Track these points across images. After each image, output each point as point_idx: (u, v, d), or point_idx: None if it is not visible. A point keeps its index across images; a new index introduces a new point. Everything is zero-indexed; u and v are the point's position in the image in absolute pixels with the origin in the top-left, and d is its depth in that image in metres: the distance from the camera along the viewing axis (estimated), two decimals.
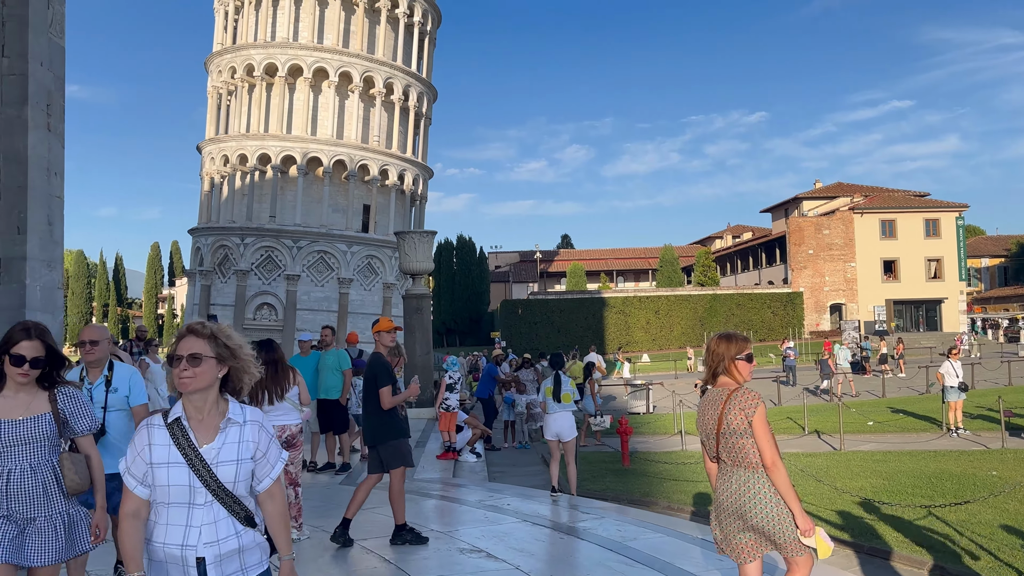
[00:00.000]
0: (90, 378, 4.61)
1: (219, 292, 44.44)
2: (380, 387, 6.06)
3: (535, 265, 79.45)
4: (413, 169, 47.01)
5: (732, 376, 3.83)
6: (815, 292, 60.59)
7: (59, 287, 10.79)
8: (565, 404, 8.63)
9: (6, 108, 9.98)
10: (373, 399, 6.16)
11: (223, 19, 46.54)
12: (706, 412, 3.83)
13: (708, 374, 3.93)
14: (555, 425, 8.62)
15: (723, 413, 3.69)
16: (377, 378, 6.10)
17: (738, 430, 3.66)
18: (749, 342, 3.95)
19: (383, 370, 6.13)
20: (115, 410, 4.59)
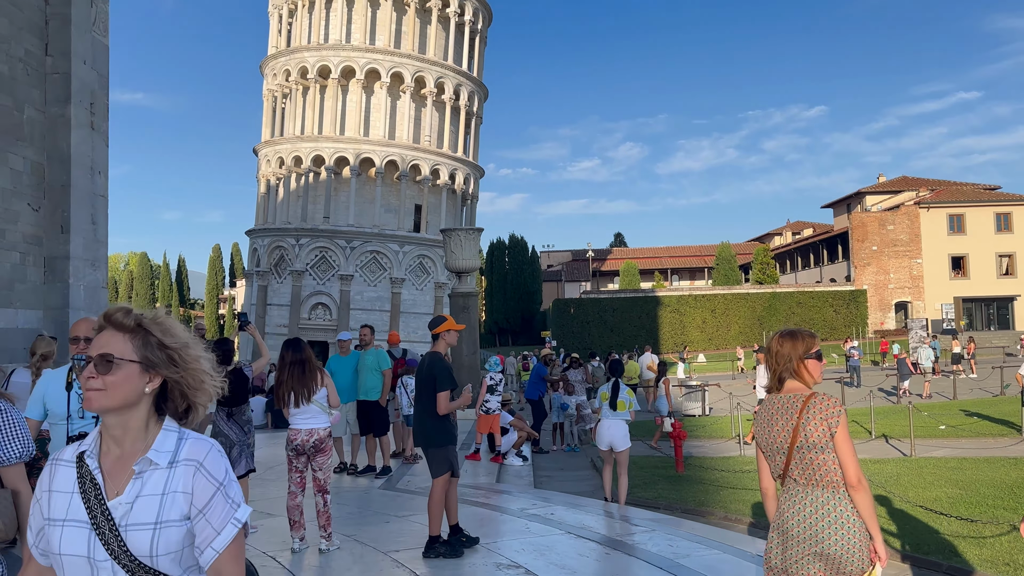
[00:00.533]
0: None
1: (275, 292, 45.04)
2: (439, 390, 5.76)
3: (587, 264, 78.70)
4: (464, 168, 46.89)
5: (802, 379, 3.30)
6: (879, 290, 58.53)
7: (103, 286, 10.76)
8: (620, 412, 8.14)
9: (50, 107, 9.97)
10: (427, 401, 5.87)
11: (277, 23, 47.17)
12: (774, 423, 3.25)
13: (772, 379, 3.37)
14: (607, 433, 8.15)
15: (800, 424, 3.16)
16: (436, 380, 5.79)
17: (818, 443, 3.13)
18: (816, 338, 3.42)
19: (444, 373, 5.84)
20: None
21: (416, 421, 6.06)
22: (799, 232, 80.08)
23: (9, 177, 9.32)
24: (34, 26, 9.77)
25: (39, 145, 9.87)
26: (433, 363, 5.87)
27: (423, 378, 5.95)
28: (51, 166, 9.98)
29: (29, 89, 9.69)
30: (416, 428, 6.04)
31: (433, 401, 5.78)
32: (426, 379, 5.89)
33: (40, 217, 9.90)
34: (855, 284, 58.31)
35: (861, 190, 67.67)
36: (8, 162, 9.29)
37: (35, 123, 9.79)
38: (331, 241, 43.43)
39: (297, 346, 5.78)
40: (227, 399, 6.26)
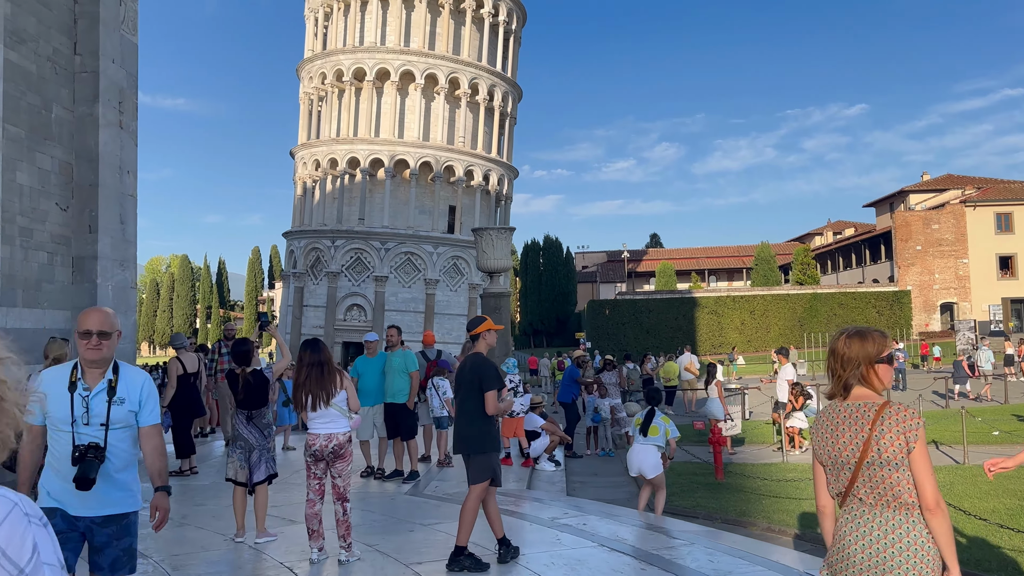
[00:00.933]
0: (87, 381, 3.41)
1: (311, 294, 45.29)
2: (486, 391, 5.53)
3: (623, 265, 77.97)
4: (498, 169, 46.69)
5: (871, 385, 2.91)
6: (924, 290, 57.03)
7: (132, 286, 10.68)
8: (651, 438, 7.71)
9: (78, 106, 9.91)
10: (472, 403, 5.62)
11: (313, 26, 47.46)
12: (840, 435, 2.87)
13: (836, 385, 2.98)
14: (636, 459, 7.74)
15: (872, 437, 2.78)
16: (483, 381, 5.54)
17: (892, 460, 2.74)
18: (888, 339, 3.03)
19: (491, 372, 5.61)
20: (119, 428, 3.39)
21: (460, 425, 5.78)
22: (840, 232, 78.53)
23: (37, 176, 9.27)
24: (63, 25, 9.72)
25: (67, 144, 9.81)
26: (477, 363, 5.67)
27: (466, 380, 5.71)
28: (79, 165, 9.92)
29: (58, 88, 9.63)
30: (460, 433, 5.75)
31: (479, 403, 5.56)
32: (470, 380, 5.64)
33: (68, 217, 9.84)
34: (899, 285, 56.91)
35: (904, 188, 66.10)
36: (36, 161, 9.23)
37: (63, 122, 9.74)
38: (366, 242, 43.53)
39: (316, 347, 5.53)
40: (246, 401, 6.05)
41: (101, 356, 3.46)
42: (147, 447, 3.54)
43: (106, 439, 3.35)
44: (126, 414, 3.43)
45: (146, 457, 3.53)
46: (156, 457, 3.52)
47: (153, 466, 3.52)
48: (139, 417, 3.50)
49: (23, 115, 8.94)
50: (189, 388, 9.19)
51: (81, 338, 3.43)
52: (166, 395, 9.26)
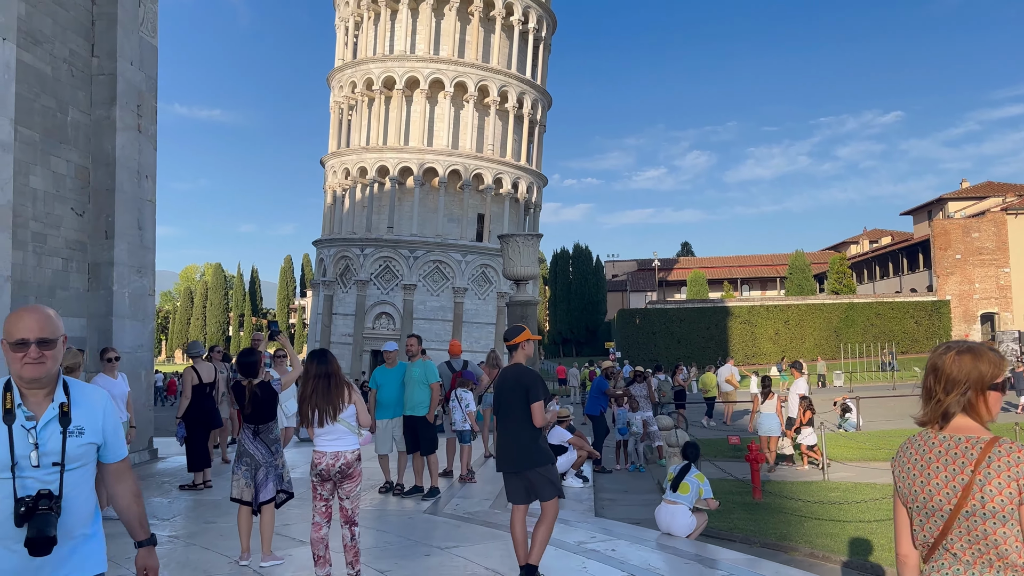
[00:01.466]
0: (29, 408, 2.48)
1: (340, 302, 45.28)
2: (533, 402, 5.30)
3: (653, 274, 77.09)
4: (527, 177, 46.36)
5: (978, 415, 2.34)
6: (963, 300, 55.58)
7: (150, 293, 10.43)
8: (681, 495, 7.16)
9: (95, 109, 9.70)
10: (518, 415, 5.37)
11: (344, 35, 47.63)
12: (933, 474, 2.30)
13: (932, 411, 2.40)
14: (665, 520, 7.19)
15: (975, 481, 2.21)
16: (529, 391, 5.32)
17: (1000, 511, 2.18)
18: (1006, 360, 2.48)
19: (537, 382, 5.40)
20: (78, 467, 2.52)
21: (507, 441, 5.47)
22: (876, 240, 77.04)
23: (52, 180, 9.06)
24: (80, 26, 9.54)
25: (84, 148, 9.61)
26: (520, 373, 5.44)
27: (509, 390, 5.43)
28: (96, 170, 9.71)
29: (74, 91, 9.44)
30: (508, 448, 5.44)
31: (525, 415, 5.33)
32: (513, 391, 5.38)
33: (84, 222, 9.63)
34: (937, 294, 55.49)
35: (943, 196, 64.66)
36: (50, 165, 9.03)
37: (79, 125, 9.54)
38: (395, 251, 43.42)
39: (323, 357, 5.15)
40: (253, 415, 5.69)
41: (45, 372, 2.50)
42: (119, 490, 2.70)
43: (61, 484, 2.45)
44: (86, 448, 2.54)
45: (119, 503, 2.70)
46: (133, 502, 2.70)
47: (130, 514, 2.69)
48: (104, 451, 2.62)
49: (37, 117, 8.75)
50: (204, 398, 8.90)
51: (13, 349, 2.46)
52: (180, 405, 8.98)
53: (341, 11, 47.41)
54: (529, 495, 5.43)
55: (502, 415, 5.54)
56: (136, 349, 10.08)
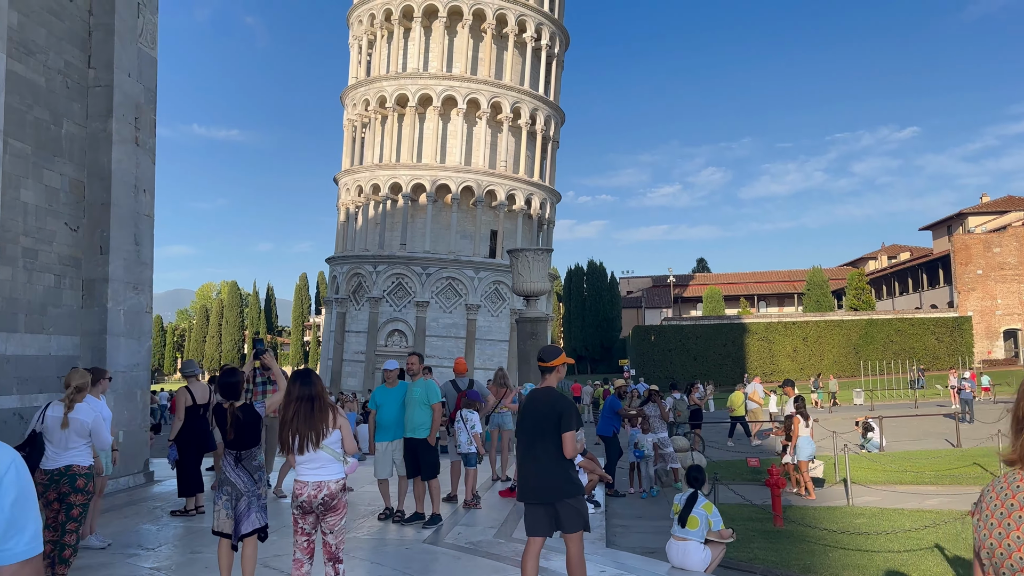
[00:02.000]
0: None
1: (353, 319, 45.07)
2: (565, 431, 5.06)
3: (668, 290, 76.44)
4: (540, 193, 46.11)
5: None
6: (985, 316, 54.64)
7: (147, 311, 10.13)
8: (690, 530, 6.68)
9: (91, 121, 9.45)
10: (548, 444, 5.09)
11: (357, 54, 47.74)
12: (1014, 525, 1.83)
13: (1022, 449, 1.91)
14: (676, 555, 6.72)
15: None
16: (562, 419, 5.07)
17: None
18: None
19: (571, 410, 5.14)
20: None
21: (533, 469, 5.16)
22: (895, 256, 76.19)
23: (44, 194, 8.80)
24: (76, 37, 9.31)
25: (79, 161, 9.35)
26: (554, 400, 5.17)
27: (539, 415, 5.14)
28: (91, 183, 9.46)
29: (69, 103, 9.20)
30: (534, 478, 5.14)
31: (556, 444, 5.07)
32: (546, 418, 5.10)
33: (78, 237, 9.35)
34: (959, 310, 54.59)
35: (963, 211, 63.92)
36: (43, 178, 8.77)
37: (74, 138, 9.29)
38: (407, 268, 43.20)
39: (306, 378, 4.76)
40: (235, 441, 5.32)
41: None
42: None
43: None
44: None
45: None
46: None
47: None
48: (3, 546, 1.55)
49: (29, 130, 8.51)
50: (198, 420, 8.55)
51: None
52: (173, 427, 8.64)
53: (355, 30, 47.56)
54: (552, 527, 5.15)
55: (528, 440, 5.24)
56: (131, 368, 9.77)
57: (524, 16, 44.56)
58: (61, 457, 5.77)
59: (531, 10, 44.80)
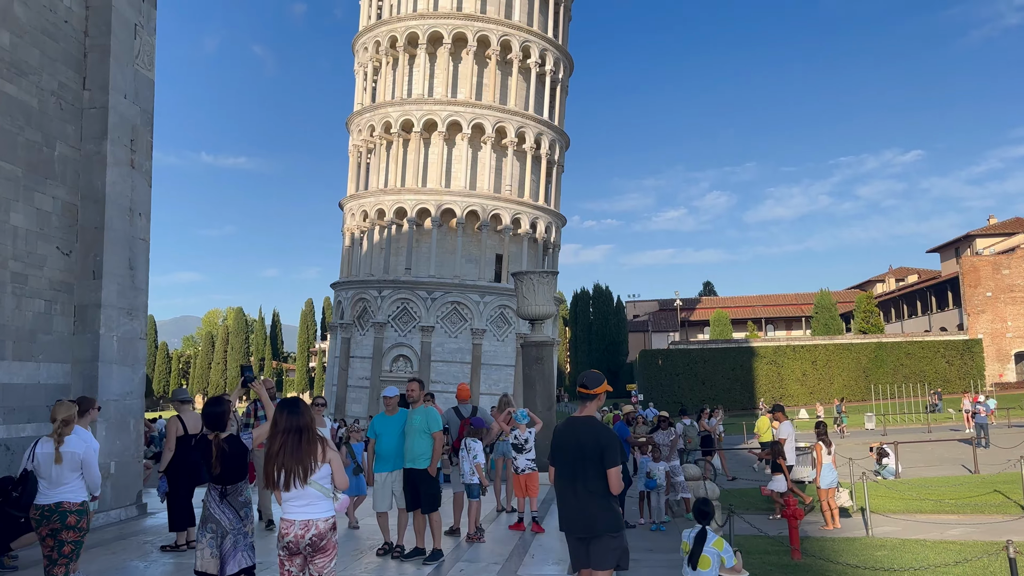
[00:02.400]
0: None
1: (358, 344, 44.78)
2: (610, 466, 4.85)
3: (675, 314, 76.01)
4: (545, 217, 45.97)
5: None
6: (996, 339, 54.14)
7: (141, 337, 9.85)
8: (703, 572, 6.31)
9: (85, 143, 9.25)
10: (591, 478, 4.86)
11: (363, 80, 47.93)
12: None
13: None
14: None
15: None
16: (605, 454, 4.85)
17: None
18: None
19: (615, 443, 4.94)
20: None
21: (575, 504, 4.93)
22: (903, 279, 75.83)
23: (35, 218, 8.57)
24: (71, 58, 9.14)
25: (72, 184, 9.14)
26: (597, 431, 4.94)
27: (581, 448, 4.89)
28: (85, 207, 9.23)
29: (62, 124, 9.00)
30: (574, 511, 4.93)
31: (598, 478, 4.86)
32: (588, 450, 4.88)
33: (70, 262, 9.11)
34: (968, 333, 54.07)
35: (970, 233, 63.65)
36: (34, 201, 8.55)
37: (68, 160, 9.08)
38: (412, 292, 42.98)
39: (294, 408, 4.44)
40: (220, 475, 5.00)
41: None
42: None
43: None
44: None
45: None
46: None
47: None
48: None
49: (20, 152, 8.30)
50: (190, 451, 8.23)
51: None
52: (163, 458, 8.32)
53: (360, 57, 47.81)
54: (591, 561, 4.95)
55: (568, 472, 4.97)
56: (124, 396, 9.47)
57: (528, 42, 44.73)
58: (54, 493, 5.68)
59: (535, 36, 44.98)
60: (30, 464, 5.82)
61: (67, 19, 9.05)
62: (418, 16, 44.24)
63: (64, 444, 5.79)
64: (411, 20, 44.35)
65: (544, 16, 46.65)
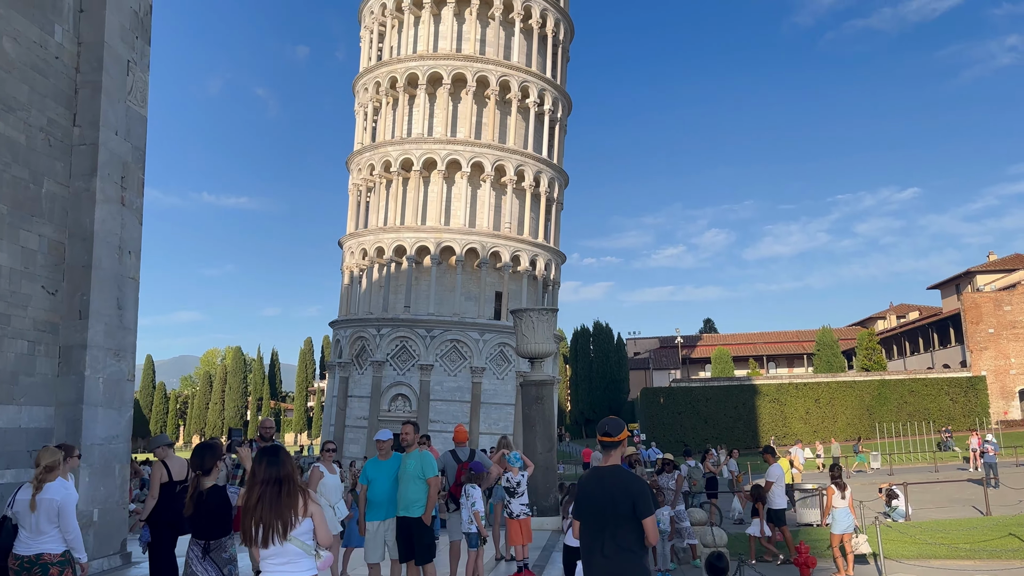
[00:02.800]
0: None
1: (356, 383, 44.34)
2: (643, 516, 4.59)
3: (676, 351, 75.58)
4: (545, 254, 45.89)
5: None
6: (1000, 376, 53.74)
7: (128, 379, 9.56)
8: None
9: (74, 180, 9.07)
10: (621, 532, 4.59)
11: (363, 120, 48.25)
12: None
13: None
14: None
15: None
16: (637, 504, 4.60)
17: None
18: None
19: (646, 491, 4.70)
20: None
21: (602, 564, 4.63)
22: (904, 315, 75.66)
23: (20, 256, 8.35)
24: (61, 94, 9.01)
25: (59, 222, 8.94)
26: (626, 481, 4.69)
27: (610, 500, 4.61)
28: (72, 245, 9.02)
29: (51, 161, 8.84)
30: (603, 570, 4.63)
31: (631, 531, 4.59)
32: (619, 502, 4.61)
33: (56, 301, 8.87)
34: (972, 370, 53.67)
35: (971, 269, 63.67)
36: (19, 239, 8.33)
37: (56, 198, 8.90)
38: (411, 330, 42.68)
39: (274, 458, 4.12)
40: (203, 528, 4.69)
41: None
42: None
43: None
44: None
45: None
46: None
47: None
48: None
49: (6, 189, 8.11)
50: (174, 499, 7.88)
51: None
52: (146, 506, 7.97)
53: (360, 97, 48.20)
54: None
55: (595, 529, 4.66)
56: (109, 440, 9.16)
57: (527, 82, 45.10)
58: (34, 543, 5.42)
59: (533, 77, 45.37)
60: (9, 511, 5.57)
61: (58, 55, 8.94)
62: (418, 57, 44.66)
63: (42, 491, 5.51)
64: (411, 61, 44.76)
65: (542, 57, 47.10)
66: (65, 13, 9.05)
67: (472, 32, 45.03)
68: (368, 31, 48.37)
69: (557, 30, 47.78)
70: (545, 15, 46.69)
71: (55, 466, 5.94)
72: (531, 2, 45.88)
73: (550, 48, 47.51)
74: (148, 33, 10.16)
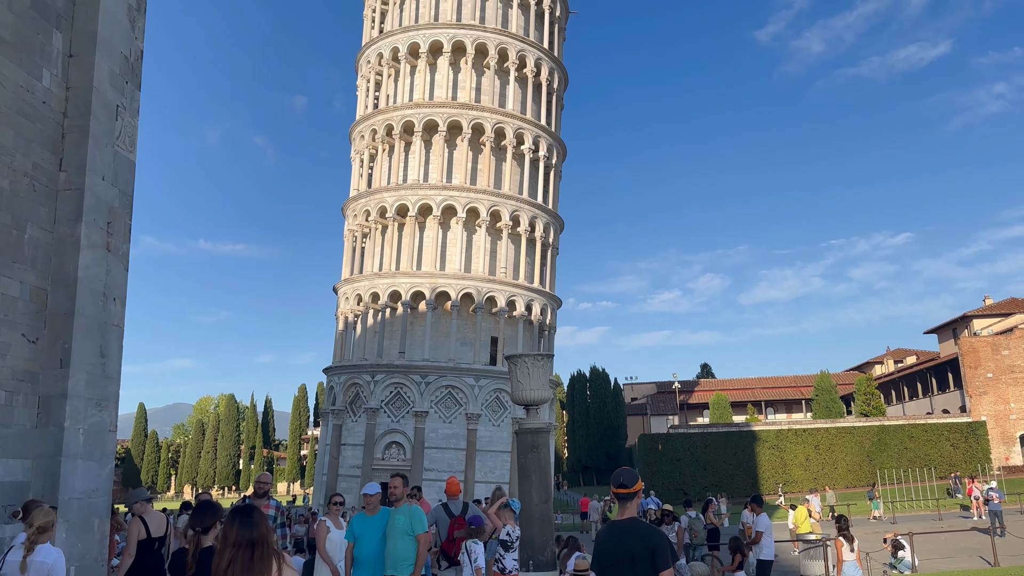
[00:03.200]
0: None
1: (350, 431, 43.71)
2: (661, 569, 4.56)
3: (674, 396, 74.99)
4: (541, 299, 45.75)
5: None
6: (1000, 421, 53.38)
7: (111, 430, 9.26)
8: None
9: (59, 226, 8.90)
10: None
11: (359, 167, 48.52)
12: None
13: None
14: None
15: None
16: (655, 556, 4.54)
17: None
18: None
19: (665, 544, 4.64)
20: None
21: None
22: (901, 360, 75.40)
23: (0, 304, 8.14)
24: (47, 139, 8.89)
25: (42, 268, 8.74)
26: (644, 533, 4.64)
27: (628, 554, 4.57)
28: (55, 292, 8.81)
29: (35, 206, 8.67)
30: None
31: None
32: (638, 556, 4.55)
33: (36, 350, 8.62)
34: (972, 415, 53.30)
35: (967, 314, 63.64)
36: (0, 287, 8.13)
37: (39, 244, 8.71)
38: (406, 376, 42.25)
39: (246, 519, 3.85)
40: None
41: None
42: None
43: None
44: None
45: None
46: None
47: None
48: None
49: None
50: (152, 556, 7.54)
51: None
52: (122, 564, 7.63)
53: (357, 144, 48.53)
54: None
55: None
56: (89, 494, 8.82)
57: (521, 129, 45.51)
58: None
59: (528, 124, 45.82)
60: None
61: (45, 100, 8.84)
62: (414, 105, 45.10)
63: (34, 552, 5.27)
64: (407, 109, 45.19)
65: (537, 105, 47.62)
66: (54, 58, 8.99)
67: (468, 80, 45.57)
68: (365, 80, 48.92)
69: (551, 79, 48.40)
70: (539, 64, 47.33)
71: (48, 527, 5.71)
72: (526, 52, 46.54)
73: (544, 96, 48.06)
74: (139, 78, 10.11)
